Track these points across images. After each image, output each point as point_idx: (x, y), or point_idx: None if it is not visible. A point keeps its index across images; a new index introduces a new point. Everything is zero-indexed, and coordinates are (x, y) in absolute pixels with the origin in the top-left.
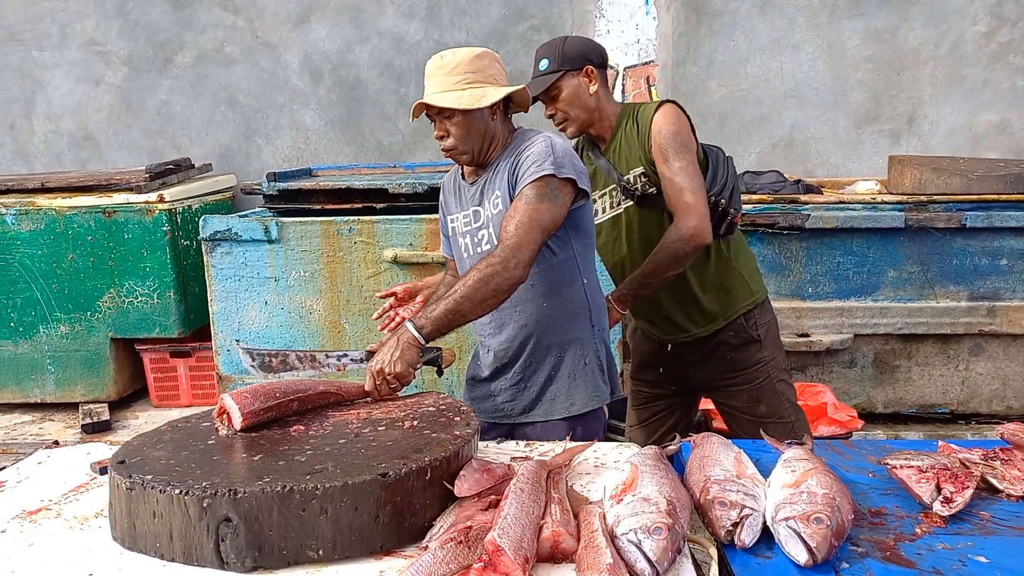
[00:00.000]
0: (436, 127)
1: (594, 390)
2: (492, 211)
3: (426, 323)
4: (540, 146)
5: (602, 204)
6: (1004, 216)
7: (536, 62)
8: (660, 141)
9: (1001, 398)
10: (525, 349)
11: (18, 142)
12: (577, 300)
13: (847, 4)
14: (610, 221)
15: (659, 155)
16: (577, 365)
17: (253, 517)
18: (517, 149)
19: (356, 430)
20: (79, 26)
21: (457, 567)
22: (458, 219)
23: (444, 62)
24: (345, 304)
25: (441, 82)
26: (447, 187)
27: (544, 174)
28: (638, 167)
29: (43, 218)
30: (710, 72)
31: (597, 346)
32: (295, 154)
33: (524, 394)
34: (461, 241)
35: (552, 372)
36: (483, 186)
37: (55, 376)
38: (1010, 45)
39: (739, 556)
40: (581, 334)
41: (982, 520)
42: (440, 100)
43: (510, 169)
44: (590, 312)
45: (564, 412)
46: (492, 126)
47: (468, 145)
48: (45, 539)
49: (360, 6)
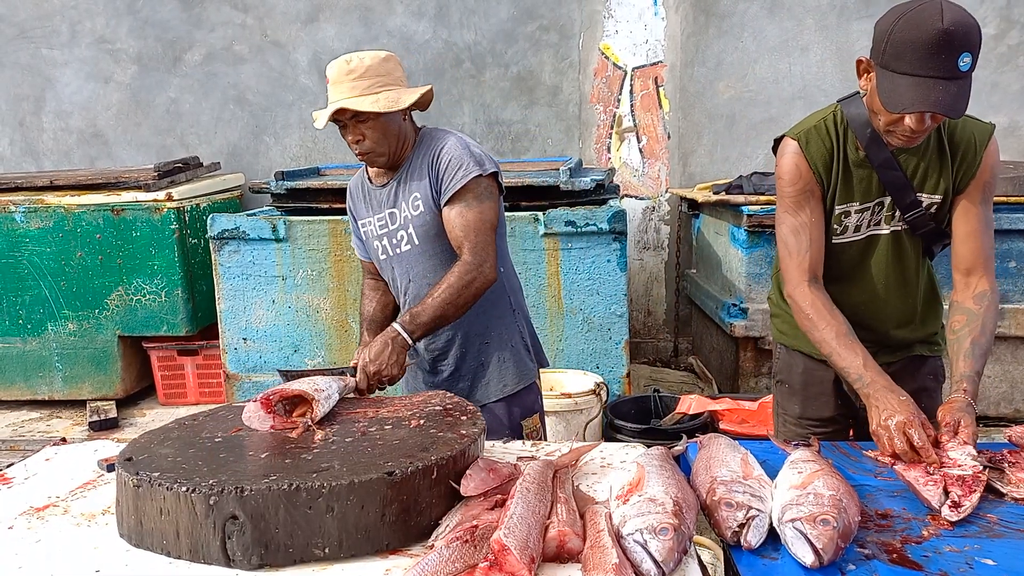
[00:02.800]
0: (350, 132)
1: (522, 369)
2: (411, 212)
3: (416, 328)
4: (456, 148)
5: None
6: (1013, 219)
7: (958, 60)
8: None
9: (1009, 401)
10: (454, 342)
11: (27, 139)
12: (497, 288)
13: (856, 5)
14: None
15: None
16: (504, 348)
17: (260, 515)
18: (430, 150)
19: (363, 429)
20: (89, 24)
21: (463, 566)
22: (371, 223)
23: (352, 67)
24: (352, 303)
25: (352, 87)
26: (354, 193)
27: (473, 176)
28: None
29: (52, 216)
30: (718, 73)
31: (520, 327)
32: (303, 153)
33: (458, 384)
34: (376, 244)
35: (482, 359)
36: (396, 188)
37: (63, 373)
38: (1019, 48)
39: (745, 557)
40: (504, 319)
41: (989, 523)
42: (359, 104)
43: (429, 171)
44: (509, 298)
45: (499, 394)
46: (404, 127)
47: (384, 147)
48: (52, 535)
49: (369, 5)
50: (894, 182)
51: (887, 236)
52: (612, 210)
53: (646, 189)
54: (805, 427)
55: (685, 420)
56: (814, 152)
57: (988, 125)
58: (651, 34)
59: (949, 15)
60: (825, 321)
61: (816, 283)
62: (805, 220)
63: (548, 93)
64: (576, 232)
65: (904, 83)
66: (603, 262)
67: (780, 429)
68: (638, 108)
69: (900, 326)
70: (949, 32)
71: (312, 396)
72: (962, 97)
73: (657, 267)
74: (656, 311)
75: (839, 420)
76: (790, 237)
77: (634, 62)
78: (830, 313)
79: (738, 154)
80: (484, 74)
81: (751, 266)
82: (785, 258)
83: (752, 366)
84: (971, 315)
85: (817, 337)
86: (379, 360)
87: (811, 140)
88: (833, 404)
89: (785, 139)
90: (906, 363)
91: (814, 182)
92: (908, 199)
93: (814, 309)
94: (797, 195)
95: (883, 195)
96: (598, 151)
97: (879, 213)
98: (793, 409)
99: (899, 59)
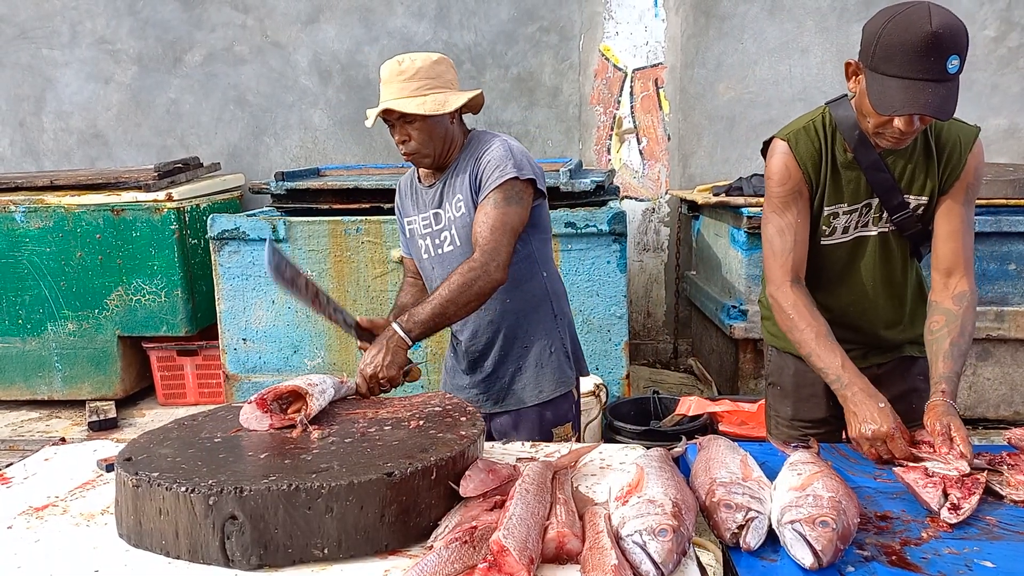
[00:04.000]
0: (397, 132)
1: (561, 376)
2: (455, 214)
3: (414, 327)
4: (499, 150)
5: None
6: (1013, 221)
7: (946, 62)
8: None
9: (1008, 403)
10: (494, 343)
11: (28, 139)
12: (539, 293)
13: (856, 7)
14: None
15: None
16: (543, 354)
17: (259, 515)
18: (475, 152)
19: (362, 429)
20: (89, 24)
21: (462, 567)
22: (416, 221)
23: (403, 68)
24: (352, 304)
25: (401, 88)
26: (403, 190)
27: (508, 178)
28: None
29: (52, 216)
30: (719, 75)
31: (561, 334)
32: (303, 154)
33: (495, 386)
34: (420, 243)
35: (520, 363)
36: (442, 189)
37: (62, 373)
38: (1019, 50)
39: (744, 559)
40: (545, 324)
41: (988, 525)
42: (404, 106)
43: (471, 172)
44: (551, 303)
45: (534, 400)
46: (451, 130)
47: (430, 149)
48: (51, 535)
49: (370, 6)
50: (882, 184)
51: (875, 237)
52: (612, 211)
53: (646, 191)
54: (797, 429)
55: (684, 422)
56: (803, 153)
57: (973, 128)
58: (651, 36)
59: (937, 18)
60: (805, 321)
61: (798, 283)
62: (791, 220)
63: (548, 94)
64: (576, 233)
65: (894, 85)
66: (603, 263)
67: (773, 431)
68: (638, 109)
69: (889, 327)
70: (938, 35)
71: (306, 391)
72: (951, 99)
73: (657, 269)
74: (656, 313)
75: (831, 421)
76: (775, 237)
77: (634, 63)
78: (811, 314)
79: (738, 156)
80: (484, 75)
81: (751, 268)
82: (769, 258)
83: (752, 368)
84: (950, 316)
85: (797, 337)
86: (374, 363)
87: (800, 141)
88: (825, 405)
89: (775, 140)
90: (896, 364)
91: (803, 183)
92: (896, 200)
93: (795, 310)
94: (785, 195)
95: (871, 197)
96: (598, 152)
97: (867, 215)
98: (785, 411)
99: (888, 62)
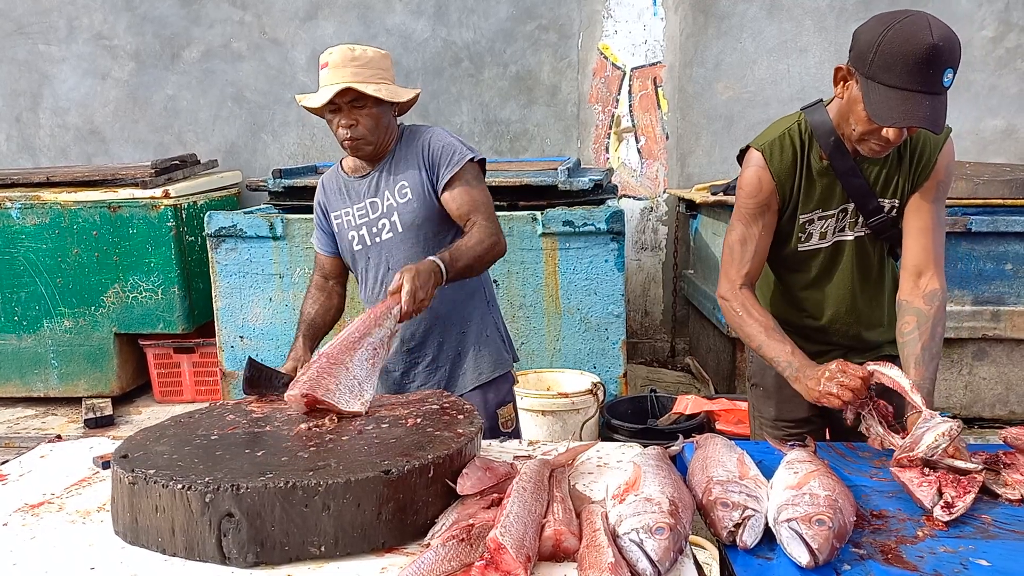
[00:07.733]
0: (344, 116)
1: (499, 358)
2: (397, 200)
3: (450, 269)
4: (445, 137)
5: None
6: (1010, 221)
7: (943, 75)
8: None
9: (1004, 402)
10: (432, 331)
11: (24, 135)
12: (472, 279)
13: (855, 7)
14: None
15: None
16: (480, 337)
17: (255, 513)
18: (415, 142)
19: (359, 427)
20: (87, 20)
21: (459, 565)
22: (349, 213)
23: (357, 55)
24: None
25: (356, 73)
26: (328, 187)
27: (467, 159)
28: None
29: (48, 212)
30: (717, 74)
31: (495, 317)
32: (301, 151)
33: (437, 373)
34: (352, 234)
35: (459, 348)
36: (378, 178)
37: (59, 370)
38: (1017, 50)
39: (741, 557)
40: (480, 309)
41: (984, 524)
42: (366, 88)
43: (421, 159)
44: (484, 288)
45: (474, 382)
46: (392, 122)
47: (375, 136)
48: (47, 532)
49: (368, 3)
50: (857, 189)
51: (851, 242)
52: (610, 210)
53: (644, 189)
54: (781, 429)
55: (682, 420)
56: (777, 165)
57: (945, 128)
58: (650, 34)
59: (937, 31)
60: (753, 318)
61: (748, 288)
62: (755, 232)
63: (547, 93)
64: (574, 232)
65: (893, 96)
66: (601, 262)
67: (756, 432)
68: (637, 108)
69: (870, 328)
70: (938, 48)
71: (339, 407)
72: (943, 112)
73: (655, 267)
74: (653, 311)
75: (814, 421)
76: (737, 245)
77: (633, 62)
78: (759, 311)
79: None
80: (483, 73)
81: None
82: (727, 262)
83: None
84: (921, 316)
85: (747, 331)
86: (426, 288)
87: (775, 153)
88: (807, 405)
89: (750, 150)
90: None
91: (773, 197)
92: (871, 205)
93: (743, 308)
94: (754, 208)
95: (846, 202)
96: (596, 151)
97: (843, 220)
98: (768, 412)
99: (888, 71)
